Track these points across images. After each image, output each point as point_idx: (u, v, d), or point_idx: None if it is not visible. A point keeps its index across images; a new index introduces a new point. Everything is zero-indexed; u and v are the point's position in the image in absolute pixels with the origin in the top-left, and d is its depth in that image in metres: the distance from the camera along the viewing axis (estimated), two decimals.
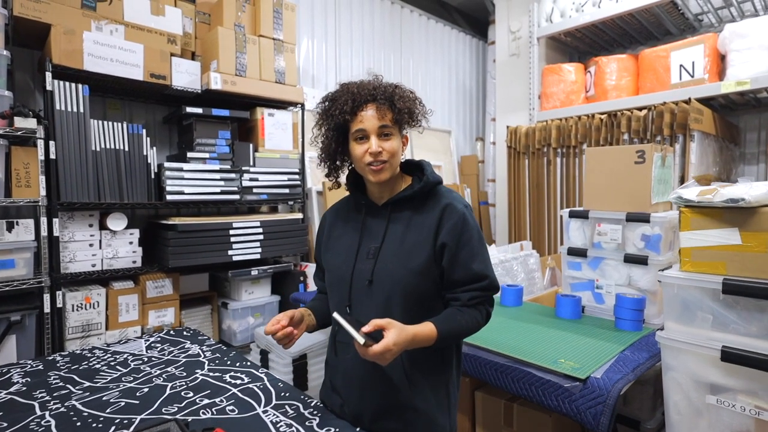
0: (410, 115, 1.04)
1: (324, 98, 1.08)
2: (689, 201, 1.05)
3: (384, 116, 1.01)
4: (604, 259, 1.73)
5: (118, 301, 2.03)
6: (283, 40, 2.50)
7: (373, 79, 1.06)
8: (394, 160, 1.04)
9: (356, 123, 1.02)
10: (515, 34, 3.81)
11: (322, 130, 1.08)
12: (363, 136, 1.02)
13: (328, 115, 1.05)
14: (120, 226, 2.03)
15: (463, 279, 1.01)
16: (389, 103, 1.02)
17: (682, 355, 1.07)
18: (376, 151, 1.00)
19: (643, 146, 1.63)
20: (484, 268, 1.02)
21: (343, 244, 1.11)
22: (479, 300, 1.03)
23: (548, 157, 3.03)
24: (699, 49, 2.73)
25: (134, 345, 1.40)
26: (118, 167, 1.98)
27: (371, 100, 1.02)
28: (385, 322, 0.88)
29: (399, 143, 1.05)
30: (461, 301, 1.02)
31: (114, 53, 1.89)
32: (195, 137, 2.24)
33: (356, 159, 1.04)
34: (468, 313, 1.02)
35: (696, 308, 1.06)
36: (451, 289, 1.04)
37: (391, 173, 1.04)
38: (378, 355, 0.85)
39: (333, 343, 1.10)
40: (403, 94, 1.05)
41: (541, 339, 1.46)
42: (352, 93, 1.02)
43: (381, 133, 1.02)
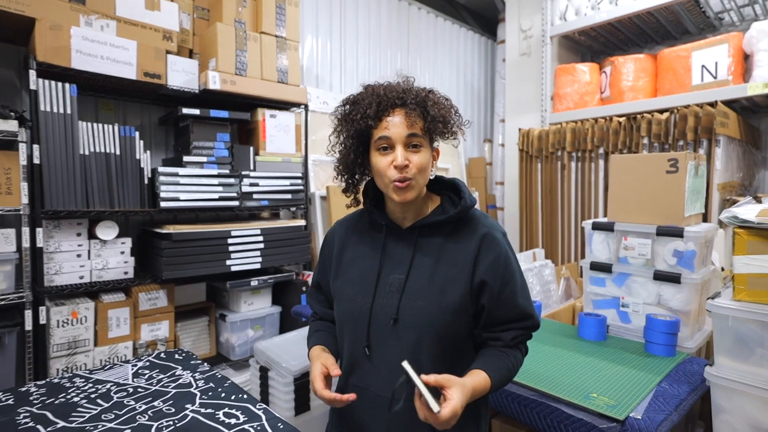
0: (444, 124, 0.89)
1: (344, 101, 0.93)
2: (747, 222, 0.92)
3: (414, 124, 0.86)
4: (631, 275, 1.60)
5: (108, 315, 1.91)
6: (285, 37, 2.37)
7: (402, 82, 0.92)
8: (422, 177, 0.89)
9: (380, 129, 0.87)
10: (526, 32, 3.68)
11: (340, 138, 0.93)
12: (387, 145, 0.87)
13: (349, 120, 0.90)
14: (110, 235, 1.90)
15: (507, 319, 0.90)
16: (421, 110, 0.87)
17: (738, 396, 0.94)
18: (402, 164, 0.85)
19: (676, 154, 1.50)
20: (528, 306, 0.91)
21: (356, 270, 0.96)
22: (521, 339, 0.91)
23: (562, 162, 2.89)
24: (723, 48, 2.59)
25: (119, 371, 1.28)
26: (108, 172, 1.85)
27: (400, 105, 0.87)
28: (444, 379, 0.76)
29: (429, 157, 0.90)
30: (503, 342, 0.90)
31: (105, 50, 1.77)
32: (192, 140, 2.12)
33: (378, 173, 0.89)
34: (512, 354, 0.90)
35: (755, 344, 0.93)
36: (490, 328, 0.91)
37: (418, 193, 0.90)
38: (445, 422, 0.73)
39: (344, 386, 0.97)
40: (438, 101, 0.90)
41: (567, 366, 1.33)
42: (378, 95, 0.88)
43: (409, 143, 0.87)
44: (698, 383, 1.19)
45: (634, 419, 1.01)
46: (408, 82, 0.93)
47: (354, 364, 0.94)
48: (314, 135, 2.91)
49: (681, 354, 1.39)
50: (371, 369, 0.91)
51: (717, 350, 0.99)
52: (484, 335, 0.92)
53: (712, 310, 0.97)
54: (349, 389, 0.94)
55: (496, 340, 0.90)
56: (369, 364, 0.91)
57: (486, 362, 0.87)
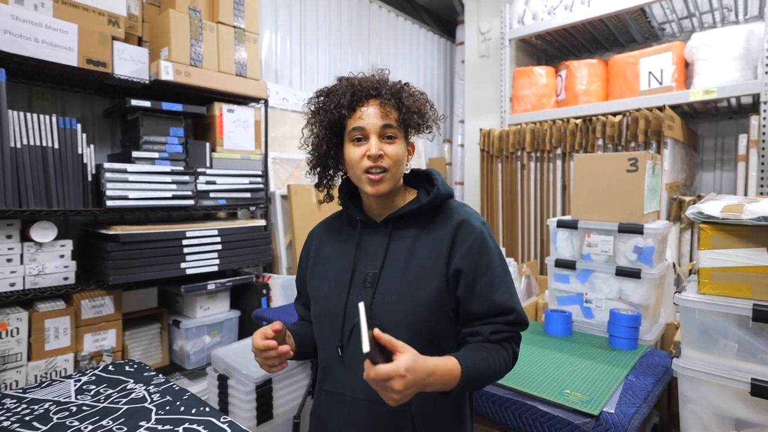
0: (420, 116, 0.87)
1: (318, 92, 0.90)
2: (712, 217, 0.95)
3: (388, 115, 0.84)
4: (594, 271, 1.64)
5: (45, 325, 1.72)
6: (244, 28, 2.26)
7: (377, 74, 0.89)
8: (397, 169, 0.86)
9: (354, 120, 0.85)
10: (485, 35, 3.74)
11: (313, 131, 0.89)
12: (361, 136, 0.84)
13: (322, 111, 0.87)
14: (47, 237, 1.73)
15: (484, 312, 0.85)
16: (396, 101, 0.85)
17: (703, 386, 0.97)
18: (375, 153, 0.82)
19: (636, 154, 1.55)
20: (509, 299, 0.86)
21: (332, 268, 0.92)
22: (504, 335, 0.85)
23: (522, 162, 2.96)
24: (667, 56, 2.75)
25: (60, 388, 1.15)
26: (45, 168, 1.68)
27: (374, 95, 0.85)
28: (400, 344, 0.69)
29: (404, 150, 0.88)
30: (483, 336, 0.84)
31: (39, 32, 1.59)
32: (142, 134, 1.96)
33: (351, 164, 0.86)
34: (494, 349, 0.84)
35: (719, 335, 0.96)
36: (469, 323, 0.86)
37: (393, 185, 0.86)
38: (382, 380, 0.65)
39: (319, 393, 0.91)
40: (413, 93, 0.88)
41: (537, 363, 1.34)
42: (352, 85, 0.85)
43: (383, 134, 0.85)
44: (661, 375, 1.23)
45: (607, 413, 1.02)
46: (383, 75, 0.90)
47: (328, 368, 0.89)
48: (274, 132, 2.81)
49: (642, 347, 1.44)
50: (345, 372, 0.86)
51: (684, 342, 1.02)
52: (463, 331, 0.88)
53: (679, 303, 1.00)
54: (323, 396, 0.89)
55: (475, 335, 0.86)
56: (343, 368, 0.86)
57: (461, 352, 0.81)
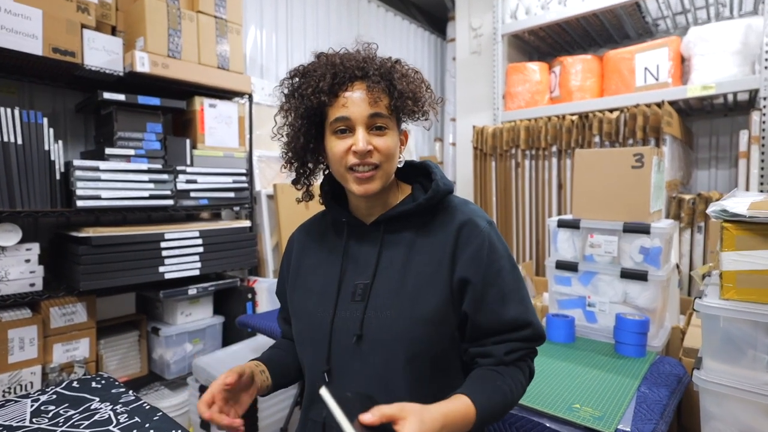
0: (415, 101, 0.75)
1: (292, 72, 0.77)
2: (738, 216, 0.87)
3: (377, 101, 0.72)
4: (597, 273, 1.56)
5: (9, 335, 1.59)
6: (226, 19, 2.14)
7: (363, 49, 0.77)
8: (389, 164, 0.74)
9: (336, 108, 0.72)
10: (476, 31, 3.67)
11: (288, 118, 0.77)
12: (345, 127, 0.72)
13: (297, 95, 0.74)
14: (11, 240, 1.59)
15: (496, 327, 0.73)
16: (386, 84, 0.73)
17: (729, 402, 0.89)
18: (363, 149, 0.70)
19: (641, 149, 1.47)
20: (523, 311, 0.74)
21: (316, 279, 0.80)
22: (521, 354, 0.74)
23: (517, 160, 2.88)
24: (663, 52, 2.69)
25: (13, 410, 1.02)
26: (7, 165, 1.54)
27: (360, 77, 0.73)
28: (396, 410, 0.57)
29: (396, 141, 0.76)
30: (495, 358, 0.73)
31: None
32: (116, 130, 1.83)
33: (334, 160, 0.74)
34: (509, 375, 0.72)
35: (747, 346, 0.88)
36: (478, 341, 0.75)
37: (384, 183, 0.75)
38: None
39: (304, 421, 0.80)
40: (407, 73, 0.76)
41: (540, 372, 1.24)
42: (333, 65, 0.72)
43: (372, 124, 0.72)
44: (675, 385, 1.15)
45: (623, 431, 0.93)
46: (369, 51, 0.78)
47: (313, 395, 0.77)
48: (260, 129, 2.69)
49: (651, 353, 1.36)
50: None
51: (705, 353, 0.94)
52: (472, 350, 0.76)
53: (701, 310, 0.91)
54: (309, 426, 0.78)
55: (487, 356, 0.74)
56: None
57: (470, 385, 0.70)
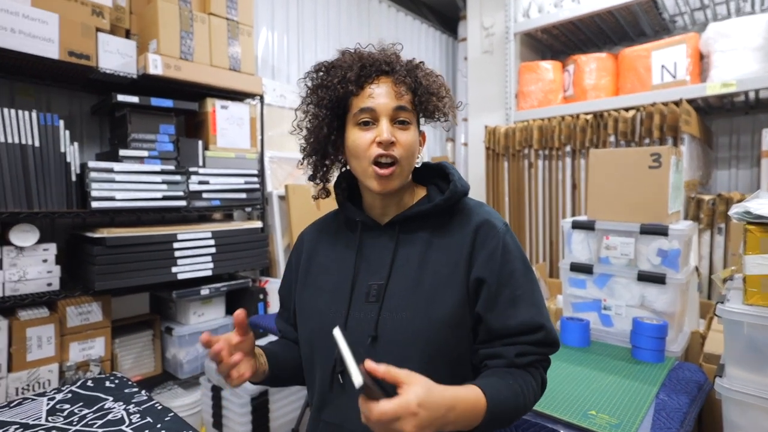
0: (439, 99, 0.75)
1: (317, 66, 0.78)
2: (763, 217, 0.84)
3: (402, 96, 0.72)
4: (613, 276, 1.53)
5: (27, 334, 1.62)
6: (238, 21, 2.15)
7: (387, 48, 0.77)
8: (409, 162, 0.74)
9: (362, 99, 0.73)
10: (488, 30, 3.63)
11: (309, 110, 0.77)
12: (370, 119, 0.72)
13: (322, 87, 0.75)
14: (29, 241, 1.62)
15: (507, 329, 0.72)
16: (412, 80, 0.73)
17: (754, 411, 0.86)
18: (387, 139, 0.70)
19: (659, 148, 1.44)
20: (536, 314, 0.73)
21: (328, 278, 0.79)
22: (532, 359, 0.73)
23: (530, 160, 2.85)
24: (681, 49, 2.63)
25: (30, 408, 1.04)
26: (25, 167, 1.57)
27: (387, 72, 0.73)
28: (404, 374, 0.56)
29: (417, 138, 0.76)
30: (506, 359, 0.71)
31: (16, 22, 1.49)
32: (130, 131, 1.85)
33: (357, 153, 0.73)
34: (520, 376, 0.70)
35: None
36: (488, 343, 0.74)
37: (403, 181, 0.75)
38: (387, 421, 0.51)
39: (316, 422, 0.79)
40: (430, 73, 0.76)
41: (554, 377, 1.22)
42: (361, 57, 0.73)
43: (395, 117, 0.73)
44: (695, 393, 1.12)
45: None
46: (395, 50, 0.78)
47: (325, 395, 0.77)
48: (271, 131, 2.70)
49: (669, 359, 1.33)
50: (346, 401, 0.73)
51: (728, 360, 0.91)
52: (482, 352, 0.75)
53: (723, 315, 0.88)
54: (321, 427, 0.77)
55: (497, 357, 0.73)
56: (343, 396, 0.74)
57: (481, 380, 0.68)
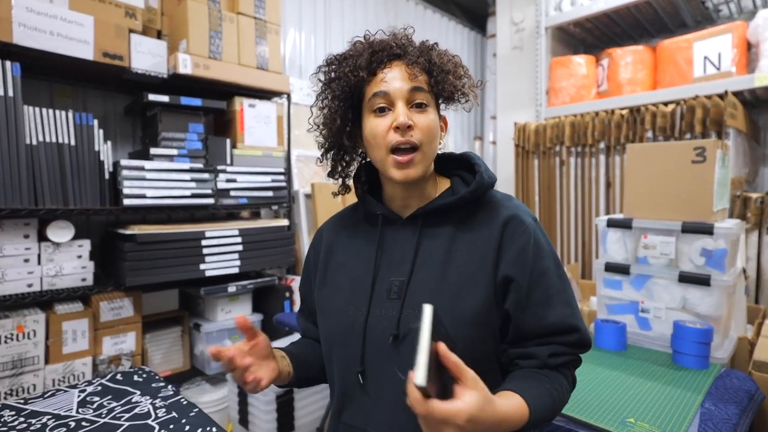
0: (457, 78, 0.71)
1: (328, 60, 0.74)
2: None
3: (416, 76, 0.69)
4: (652, 277, 1.44)
5: (63, 327, 1.67)
6: (266, 20, 2.16)
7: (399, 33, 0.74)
8: (430, 147, 0.70)
9: (375, 84, 0.69)
10: (518, 25, 3.55)
11: (324, 104, 0.74)
12: (385, 104, 0.69)
13: (335, 80, 0.72)
14: (64, 237, 1.67)
15: (539, 330, 0.69)
16: (425, 60, 0.70)
17: None
18: (404, 122, 0.66)
19: (703, 142, 1.35)
20: (570, 314, 0.69)
21: (347, 274, 0.77)
22: (565, 359, 0.69)
23: (561, 157, 2.75)
24: (726, 38, 2.48)
25: (62, 400, 1.06)
26: (61, 165, 1.62)
27: (398, 56, 0.70)
28: (471, 376, 0.53)
29: (437, 121, 0.72)
30: (539, 360, 0.68)
31: (54, 25, 1.54)
32: (160, 130, 1.89)
33: (374, 141, 0.70)
34: (555, 379, 0.68)
35: None
36: (520, 343, 0.70)
37: (425, 169, 0.71)
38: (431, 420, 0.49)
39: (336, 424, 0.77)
40: (445, 53, 0.73)
41: (589, 382, 1.16)
42: (371, 44, 0.70)
43: (412, 100, 0.69)
44: (746, 403, 1.03)
45: None
46: (407, 34, 0.74)
47: (346, 396, 0.74)
48: (298, 129, 2.71)
49: (715, 366, 1.24)
50: (367, 403, 0.71)
51: None
52: (512, 352, 0.71)
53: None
54: (340, 429, 0.74)
55: (529, 357, 0.69)
56: (364, 397, 0.72)
57: (521, 386, 0.64)
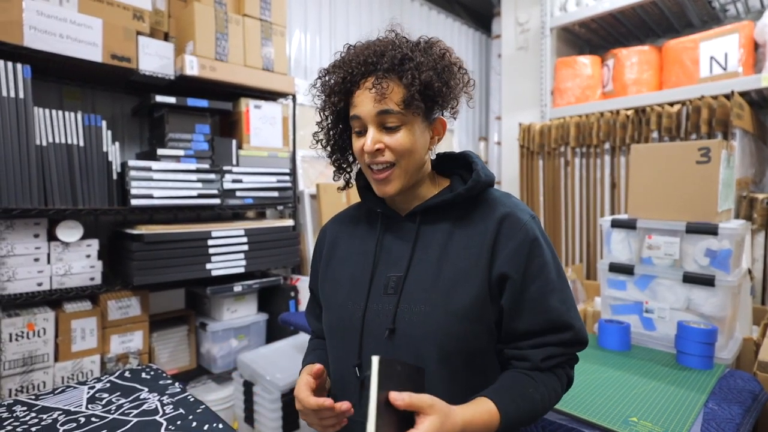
0: (436, 91, 0.69)
1: (323, 70, 0.77)
2: None
3: (384, 98, 0.68)
4: (656, 277, 1.44)
5: (72, 326, 1.70)
6: (271, 21, 2.18)
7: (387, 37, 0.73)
8: (408, 161, 0.71)
9: (352, 106, 0.72)
10: (523, 26, 3.55)
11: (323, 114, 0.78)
12: (360, 128, 0.72)
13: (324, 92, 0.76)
14: (73, 237, 1.70)
15: (534, 328, 0.70)
16: (397, 75, 0.68)
17: None
18: (369, 149, 0.69)
19: (708, 142, 1.35)
20: (564, 311, 0.70)
21: (347, 270, 0.79)
22: (559, 360, 0.70)
23: (566, 158, 2.75)
24: (733, 38, 2.47)
25: (72, 396, 1.08)
26: (70, 166, 1.65)
27: (370, 72, 0.69)
28: (426, 404, 0.55)
29: (416, 136, 0.71)
30: (531, 362, 0.69)
31: (64, 28, 1.56)
32: (167, 131, 1.92)
33: (358, 158, 0.76)
34: (542, 381, 0.69)
35: None
36: (514, 342, 0.72)
37: (404, 182, 0.72)
38: None
39: None
40: (425, 60, 0.69)
41: (592, 381, 1.16)
42: (346, 63, 0.72)
43: (381, 122, 0.70)
44: (749, 403, 1.03)
45: None
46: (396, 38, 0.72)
47: (343, 389, 0.76)
48: (303, 130, 2.73)
49: (719, 366, 1.24)
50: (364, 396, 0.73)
51: None
52: (508, 353, 0.72)
53: None
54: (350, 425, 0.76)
55: (522, 359, 0.71)
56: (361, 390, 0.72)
57: (499, 389, 0.67)
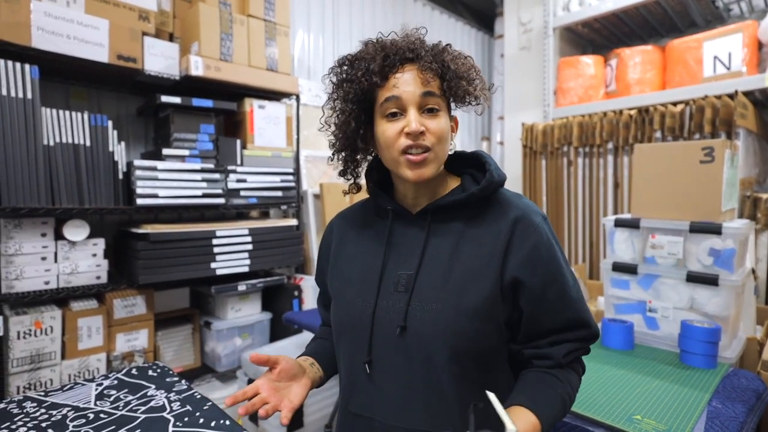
0: (469, 82, 0.71)
1: (340, 60, 0.76)
2: None
3: (429, 82, 0.70)
4: (660, 277, 1.45)
5: (78, 324, 1.71)
6: (275, 22, 2.19)
7: (411, 33, 0.74)
8: (442, 149, 0.72)
9: (387, 89, 0.71)
10: (526, 26, 3.55)
11: (336, 105, 0.76)
12: (397, 109, 0.70)
13: (346, 81, 0.73)
14: (80, 236, 1.71)
15: (555, 327, 0.71)
16: (438, 65, 0.70)
17: None
18: (416, 129, 0.68)
19: (711, 142, 1.35)
20: (582, 310, 0.72)
21: (356, 267, 0.79)
22: (576, 355, 0.73)
23: (569, 158, 2.75)
24: (737, 38, 2.47)
25: (80, 392, 1.09)
26: (77, 165, 1.66)
27: (411, 60, 0.70)
28: None
29: (448, 125, 0.73)
30: (554, 360, 0.71)
31: (71, 29, 1.58)
32: (172, 131, 1.93)
33: (386, 144, 0.72)
34: (566, 379, 0.71)
35: None
36: (533, 341, 0.73)
37: (437, 168, 0.72)
38: None
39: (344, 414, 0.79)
40: (458, 55, 0.73)
41: (596, 380, 1.17)
42: (383, 47, 0.71)
43: (424, 105, 0.70)
44: (753, 402, 1.04)
45: None
46: (419, 35, 0.75)
47: (354, 386, 0.76)
48: (306, 130, 2.74)
49: (723, 365, 1.24)
50: (375, 392, 0.73)
51: None
52: (527, 352, 0.74)
53: None
54: (348, 419, 0.77)
55: (545, 358, 0.72)
56: (371, 386, 0.73)
57: (533, 396, 0.67)
